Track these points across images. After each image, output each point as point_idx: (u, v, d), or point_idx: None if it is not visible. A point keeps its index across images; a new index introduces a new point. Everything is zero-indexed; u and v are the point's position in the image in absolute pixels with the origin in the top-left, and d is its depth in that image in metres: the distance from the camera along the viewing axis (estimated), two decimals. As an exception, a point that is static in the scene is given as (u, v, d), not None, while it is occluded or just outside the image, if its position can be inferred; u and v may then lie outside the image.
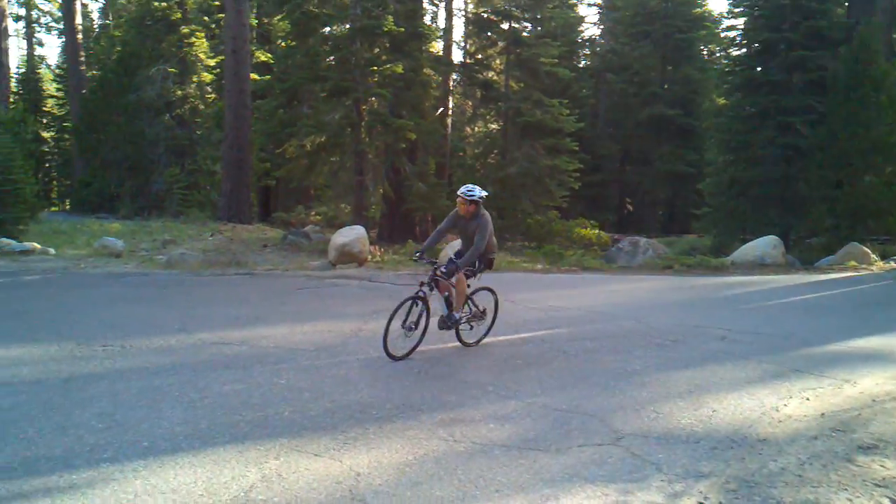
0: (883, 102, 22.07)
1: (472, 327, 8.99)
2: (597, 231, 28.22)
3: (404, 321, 8.19)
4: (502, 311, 9.63)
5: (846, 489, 4.88)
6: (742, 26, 30.26)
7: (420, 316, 8.29)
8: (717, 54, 41.79)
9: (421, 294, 8.30)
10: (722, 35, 39.14)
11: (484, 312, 9.08)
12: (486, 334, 9.19)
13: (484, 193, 8.61)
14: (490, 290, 9.31)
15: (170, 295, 12.78)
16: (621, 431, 5.98)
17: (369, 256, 17.38)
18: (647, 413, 6.46)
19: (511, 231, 27.39)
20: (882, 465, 5.26)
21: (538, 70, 27.86)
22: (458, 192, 8.60)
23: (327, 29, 24.75)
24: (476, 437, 5.79)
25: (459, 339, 8.89)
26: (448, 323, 8.60)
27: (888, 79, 22.68)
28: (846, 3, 28.44)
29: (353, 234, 17.27)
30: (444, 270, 8.31)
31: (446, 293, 8.61)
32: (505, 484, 4.93)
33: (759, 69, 27.59)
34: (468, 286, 8.71)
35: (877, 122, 22.01)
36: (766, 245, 19.08)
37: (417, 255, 8.69)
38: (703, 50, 42.98)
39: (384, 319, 8.11)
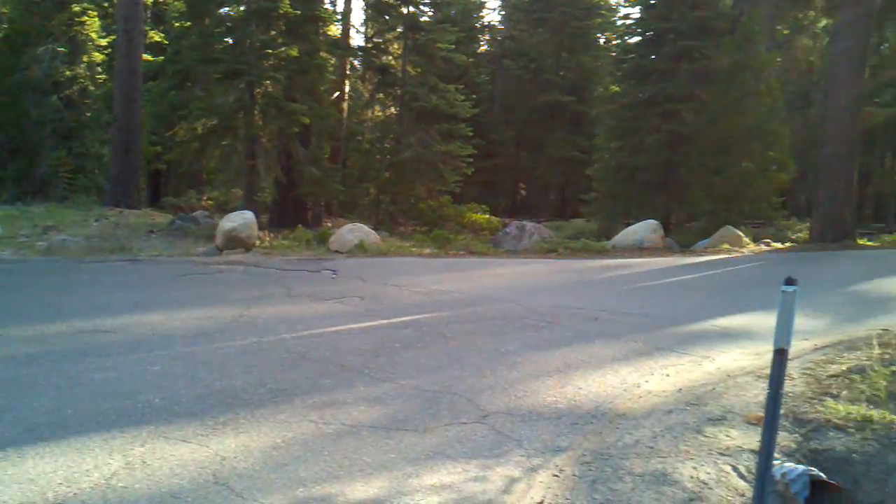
0: (761, 91, 23.00)
1: None
2: (488, 216, 28.62)
3: None
4: (388, 295, 9.76)
5: (692, 458, 5.15)
6: (637, 15, 30.97)
7: None
8: (614, 42, 42.63)
9: None
10: (618, 23, 39.93)
11: None
12: None
13: None
14: None
15: (47, 282, 12.46)
16: (488, 410, 6.19)
17: (258, 242, 17.24)
18: (516, 392, 6.69)
19: (404, 216, 27.57)
20: (727, 436, 5.57)
21: (435, 55, 27.98)
22: None
23: (223, 10, 24.31)
24: (346, 419, 5.91)
25: None
26: None
27: (767, 69, 23.66)
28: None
29: (241, 219, 17.09)
30: None
31: None
32: (370, 464, 5.06)
33: (652, 57, 28.30)
34: None
35: (754, 111, 22.94)
36: (645, 229, 19.74)
37: None
38: (599, 38, 43.76)
39: (267, 304, 8.19)
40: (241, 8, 23.02)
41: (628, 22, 32.95)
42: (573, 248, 18.94)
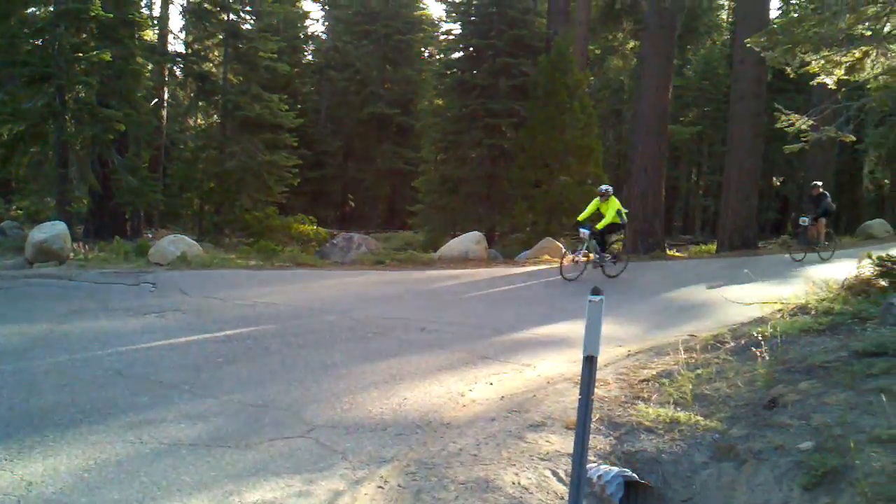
0: (575, 108, 24.00)
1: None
2: (315, 227, 28.41)
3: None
4: (212, 308, 9.48)
5: (514, 464, 5.31)
6: (458, 31, 31.55)
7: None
8: (437, 56, 43.37)
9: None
10: (441, 38, 40.61)
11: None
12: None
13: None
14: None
15: None
16: (313, 423, 6.14)
17: (72, 254, 16.39)
18: (341, 404, 6.67)
19: (229, 226, 26.94)
20: (548, 441, 5.77)
21: (257, 64, 27.58)
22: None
23: (30, 10, 22.97)
24: (165, 437, 5.71)
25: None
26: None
27: (580, 87, 24.73)
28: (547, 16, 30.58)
29: (53, 230, 16.19)
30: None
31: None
32: (189, 483, 4.92)
33: (474, 72, 28.91)
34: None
35: (570, 127, 23.93)
36: (470, 240, 20.17)
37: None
38: (423, 51, 44.40)
39: (81, 320, 7.81)
40: (50, 9, 21.85)
41: (450, 38, 33.60)
42: (400, 260, 19.12)
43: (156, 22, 28.93)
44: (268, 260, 18.33)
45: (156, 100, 27.03)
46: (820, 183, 18.91)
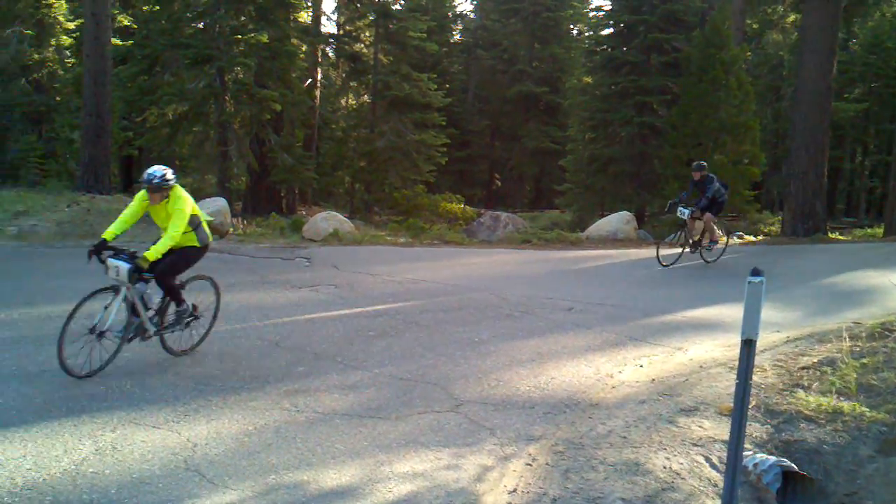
0: (731, 85, 23.10)
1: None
2: (462, 205, 28.61)
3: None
4: (362, 284, 9.70)
5: (665, 448, 5.18)
6: (608, 7, 30.93)
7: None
8: (586, 33, 42.69)
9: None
10: (590, 15, 39.94)
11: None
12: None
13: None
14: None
15: (16, 268, 12.29)
16: (461, 398, 6.20)
17: (231, 229, 17.12)
18: (489, 381, 6.70)
19: (378, 205, 27.49)
20: (700, 426, 5.60)
21: (407, 44, 27.88)
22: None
23: (192, -6, 24.06)
24: (319, 406, 5.89)
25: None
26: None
27: (737, 63, 23.77)
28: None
29: (214, 206, 16.95)
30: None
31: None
32: (342, 451, 5.06)
33: (624, 49, 28.25)
34: None
35: (725, 104, 23.05)
36: (619, 220, 19.83)
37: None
38: (572, 28, 43.78)
39: (240, 292, 8.10)
40: (211, -8, 22.81)
41: (600, 14, 32.98)
42: (547, 239, 18.98)
43: (310, 4, 29.60)
44: (416, 237, 18.61)
45: (309, 80, 27.74)
46: (704, 163, 14.49)
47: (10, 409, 5.53)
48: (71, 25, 30.86)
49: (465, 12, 47.51)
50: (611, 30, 30.01)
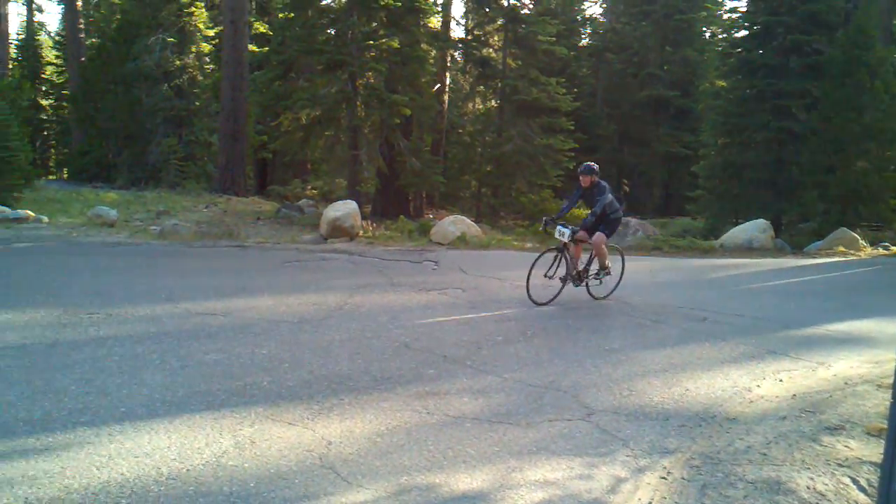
0: (877, 88, 22.03)
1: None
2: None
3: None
4: (490, 288, 9.71)
5: (809, 468, 4.95)
6: (744, 8, 30.02)
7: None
8: (720, 36, 41.53)
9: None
10: (724, 17, 38.86)
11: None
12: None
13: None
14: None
15: (159, 265, 12.86)
16: (592, 407, 6.09)
17: (361, 231, 17.45)
18: (620, 390, 6.56)
19: (505, 209, 27.49)
20: (846, 446, 5.33)
21: (536, 48, 27.78)
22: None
23: (325, 1, 24.65)
24: (449, 409, 5.89)
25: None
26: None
27: (884, 65, 22.65)
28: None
29: (345, 209, 17.32)
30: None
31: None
32: (473, 455, 5.04)
33: (760, 51, 27.32)
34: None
35: (870, 108, 21.99)
36: (754, 228, 19.17)
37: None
38: (704, 31, 42.70)
39: (370, 293, 8.20)
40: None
41: (735, 15, 32.01)
42: (679, 247, 18.53)
43: (440, 9, 29.92)
44: (543, 242, 18.45)
45: (438, 85, 27.99)
46: (595, 166, 10.38)
47: (155, 402, 5.76)
48: (211, 33, 32.20)
49: (594, 15, 47.01)
50: (746, 31, 29.06)
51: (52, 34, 51.87)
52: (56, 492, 4.27)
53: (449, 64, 29.46)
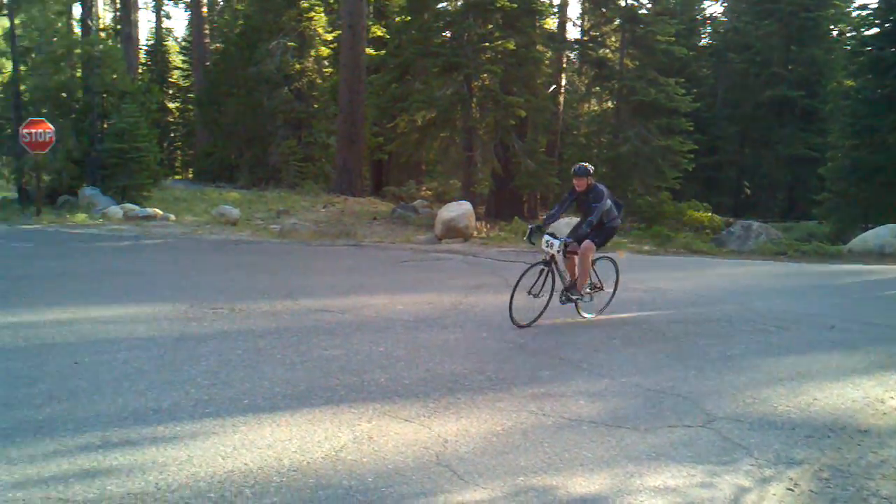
0: None
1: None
2: (709, 214, 27.55)
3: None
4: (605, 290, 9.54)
5: (952, 486, 4.69)
6: (874, 5, 28.72)
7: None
8: (848, 34, 39.86)
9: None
10: (853, 15, 37.27)
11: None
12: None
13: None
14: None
15: (280, 263, 13.23)
16: (714, 414, 5.90)
17: (475, 232, 17.50)
18: (743, 398, 6.35)
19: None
20: None
21: (654, 48, 27.24)
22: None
23: (441, 4, 24.86)
24: (565, 412, 5.82)
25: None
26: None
27: None
28: None
29: (459, 210, 17.41)
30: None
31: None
32: (590, 458, 4.95)
33: (893, 49, 26.08)
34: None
35: None
36: (887, 233, 18.24)
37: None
38: (832, 29, 41.07)
39: (485, 294, 8.19)
40: (459, 2, 23.44)
41: (864, 13, 30.58)
42: (804, 251, 17.86)
43: (556, 10, 29.75)
44: (661, 245, 18.14)
45: (553, 86, 27.84)
46: (589, 167, 8.93)
47: (276, 395, 5.91)
48: (329, 37, 32.91)
49: (714, 14, 45.86)
50: (877, 29, 27.78)
51: (179, 40, 53.97)
52: (184, 479, 4.41)
53: (564, 65, 29.24)
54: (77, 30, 26.88)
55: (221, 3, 47.62)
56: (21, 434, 4.95)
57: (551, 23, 30.03)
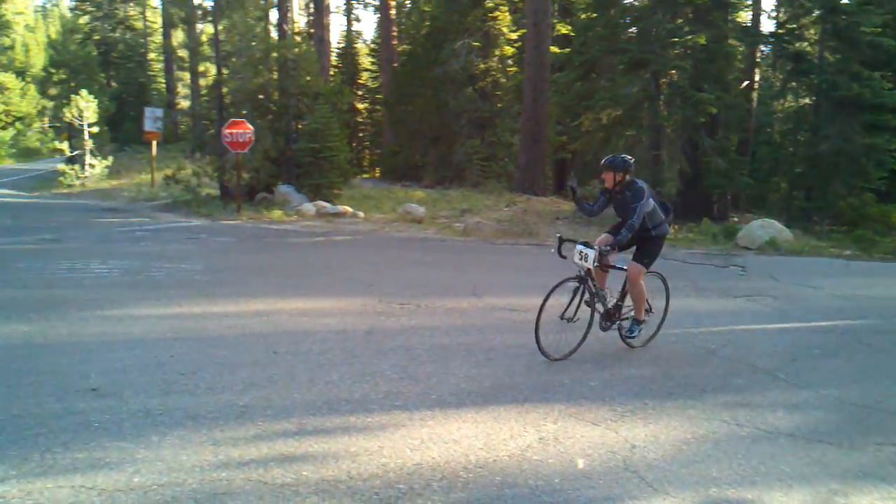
0: None
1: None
2: (918, 217, 25.60)
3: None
4: (804, 297, 9.06)
5: None
6: None
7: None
8: None
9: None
10: None
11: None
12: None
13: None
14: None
15: (464, 261, 13.38)
16: (932, 433, 5.46)
17: (669, 233, 17.04)
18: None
19: (819, 213, 25.62)
20: None
21: (858, 40, 25.57)
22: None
23: (628, 0, 24.42)
24: (761, 423, 5.54)
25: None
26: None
27: None
28: None
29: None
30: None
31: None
32: (788, 474, 4.69)
33: None
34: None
35: None
36: None
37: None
38: None
39: (673, 297, 7.88)
40: (655, -2, 22.90)
41: None
42: None
43: (749, 2, 28.54)
44: (865, 251, 16.93)
45: (746, 81, 26.72)
46: (628, 159, 7.08)
47: (462, 391, 5.96)
48: (513, 36, 33.00)
49: (928, 2, 42.51)
50: None
51: (368, 42, 55.60)
52: (374, 468, 4.52)
53: (758, 59, 28.04)
54: (274, 34, 28.24)
55: (409, 5, 48.71)
56: (224, 418, 5.23)
57: (744, 15, 28.91)
